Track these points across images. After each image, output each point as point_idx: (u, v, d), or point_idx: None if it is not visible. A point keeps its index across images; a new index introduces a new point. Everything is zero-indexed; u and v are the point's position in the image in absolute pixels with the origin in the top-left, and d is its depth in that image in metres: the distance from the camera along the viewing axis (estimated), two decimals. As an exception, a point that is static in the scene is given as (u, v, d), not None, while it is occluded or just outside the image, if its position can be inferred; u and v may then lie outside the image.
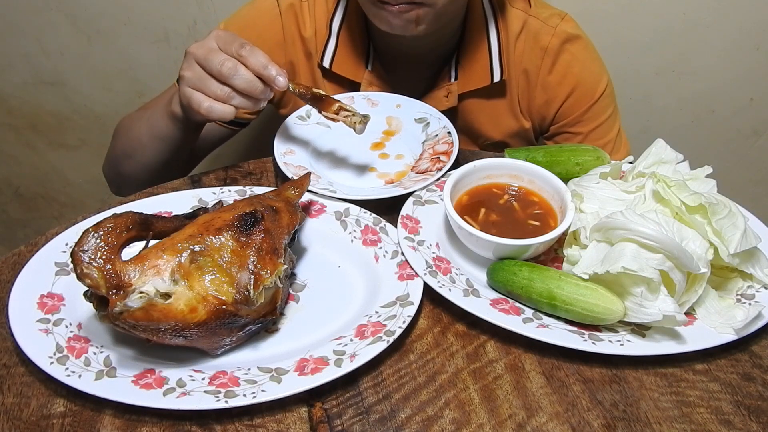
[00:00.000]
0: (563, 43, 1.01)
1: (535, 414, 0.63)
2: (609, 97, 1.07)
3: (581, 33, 1.04)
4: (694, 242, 0.68)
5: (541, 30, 1.01)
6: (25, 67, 1.63)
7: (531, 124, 1.09)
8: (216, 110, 0.80)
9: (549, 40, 1.01)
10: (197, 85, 0.81)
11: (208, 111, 0.80)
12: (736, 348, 0.70)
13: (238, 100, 0.80)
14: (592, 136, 1.07)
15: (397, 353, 0.69)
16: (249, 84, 0.79)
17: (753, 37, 1.33)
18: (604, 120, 1.06)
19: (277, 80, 0.80)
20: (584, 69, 1.04)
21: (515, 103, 1.06)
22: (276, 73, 0.80)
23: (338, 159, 0.93)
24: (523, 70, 1.03)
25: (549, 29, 1.01)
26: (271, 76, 0.80)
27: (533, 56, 1.02)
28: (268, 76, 0.80)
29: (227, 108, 0.80)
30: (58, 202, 1.97)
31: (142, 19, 1.48)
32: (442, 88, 1.04)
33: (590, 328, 0.69)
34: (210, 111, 0.80)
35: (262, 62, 0.79)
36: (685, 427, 0.63)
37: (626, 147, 1.11)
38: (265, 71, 0.79)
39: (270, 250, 0.66)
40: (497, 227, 0.77)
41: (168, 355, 0.66)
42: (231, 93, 0.80)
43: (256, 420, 0.62)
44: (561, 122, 1.07)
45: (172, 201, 0.83)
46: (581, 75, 1.03)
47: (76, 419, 0.62)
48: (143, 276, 0.60)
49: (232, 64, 0.78)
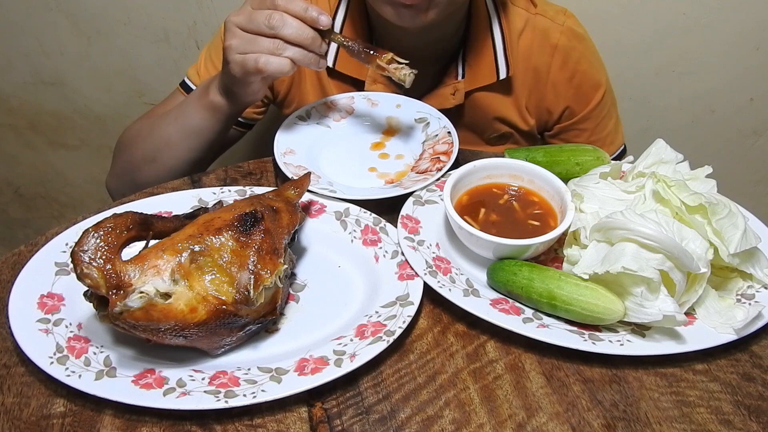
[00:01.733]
0: (571, 40, 1.03)
1: (535, 414, 0.64)
2: (610, 91, 1.10)
3: (584, 30, 1.06)
4: (694, 242, 0.68)
5: (550, 27, 1.03)
6: (25, 67, 1.63)
7: (535, 121, 1.10)
8: (272, 63, 0.80)
9: (558, 38, 1.03)
10: (247, 48, 0.80)
11: (266, 65, 0.80)
12: (736, 348, 0.70)
13: (292, 50, 0.80)
14: (597, 129, 1.09)
15: (397, 353, 0.69)
16: (299, 31, 0.79)
17: (753, 37, 1.33)
18: (606, 112, 1.09)
19: (319, 19, 0.80)
20: (591, 66, 1.06)
21: (520, 100, 1.07)
22: (317, 13, 0.80)
23: (338, 159, 0.93)
24: (532, 67, 1.05)
25: (557, 26, 1.03)
26: (314, 18, 0.80)
27: (543, 54, 1.04)
28: (311, 17, 0.80)
29: (283, 60, 0.80)
30: (58, 202, 1.97)
31: (142, 19, 1.48)
32: (449, 86, 1.04)
33: (590, 328, 0.69)
34: (267, 64, 0.80)
35: (301, 6, 0.79)
36: (685, 427, 0.63)
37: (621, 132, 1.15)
38: (307, 14, 0.79)
39: (270, 250, 0.66)
40: (497, 227, 0.77)
41: (168, 355, 0.66)
42: (283, 45, 0.80)
43: (256, 420, 0.62)
44: (569, 120, 1.09)
45: (172, 201, 0.83)
46: (589, 72, 1.06)
47: (76, 419, 0.62)
48: (143, 276, 0.60)
49: (278, 16, 0.79)
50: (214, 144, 0.98)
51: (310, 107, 0.99)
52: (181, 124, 0.95)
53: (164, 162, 0.97)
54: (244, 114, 1.04)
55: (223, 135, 0.98)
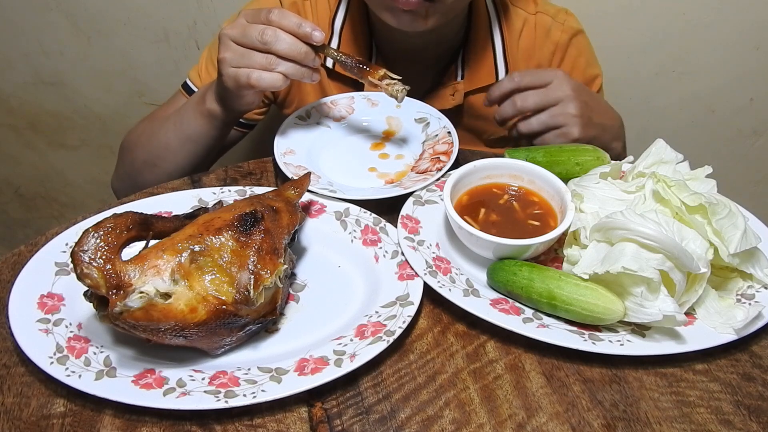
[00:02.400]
0: (571, 38, 1.05)
1: (535, 414, 0.64)
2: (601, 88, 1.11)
3: (582, 27, 1.07)
4: (694, 242, 0.68)
5: (552, 26, 1.04)
6: (25, 67, 1.63)
7: None
8: (265, 79, 0.80)
9: (559, 36, 1.04)
10: (240, 62, 0.81)
11: (258, 80, 0.80)
12: (736, 348, 0.70)
13: (284, 65, 0.81)
14: None
15: (397, 353, 0.69)
16: (292, 46, 0.80)
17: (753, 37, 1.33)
18: None
19: (313, 35, 0.80)
20: (588, 63, 1.07)
21: None
22: (311, 29, 0.80)
23: (338, 159, 0.93)
24: (533, 66, 1.06)
25: (558, 25, 1.04)
26: (307, 33, 0.80)
27: (545, 51, 1.05)
28: (304, 33, 0.80)
29: (275, 75, 0.80)
30: (58, 202, 1.97)
31: (142, 19, 1.48)
32: (449, 87, 1.05)
33: (590, 328, 0.69)
34: (260, 80, 0.80)
35: (294, 21, 0.80)
36: (685, 427, 0.63)
37: None
38: (300, 29, 0.80)
39: (270, 250, 0.66)
40: (497, 227, 0.77)
41: (168, 355, 0.66)
42: (276, 60, 0.80)
43: (256, 420, 0.62)
44: None
45: (172, 201, 0.83)
46: (586, 69, 1.07)
47: (76, 419, 0.62)
48: (143, 276, 0.60)
49: (271, 32, 0.79)
50: (212, 149, 0.99)
51: (310, 107, 0.99)
52: (180, 130, 0.96)
53: (164, 167, 0.98)
54: (245, 115, 1.05)
55: (221, 141, 0.99)
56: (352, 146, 0.95)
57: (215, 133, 0.95)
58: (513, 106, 0.90)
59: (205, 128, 0.94)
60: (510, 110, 0.91)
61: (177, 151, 0.97)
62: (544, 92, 0.89)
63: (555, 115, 0.89)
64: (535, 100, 0.89)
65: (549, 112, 0.89)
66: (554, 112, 0.89)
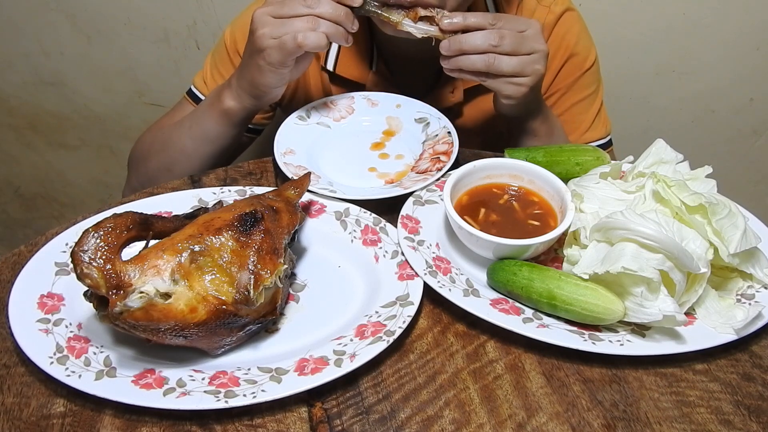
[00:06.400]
0: (558, 18, 1.04)
1: (535, 414, 0.64)
2: (595, 73, 1.09)
3: (574, 7, 1.06)
4: (694, 242, 0.68)
5: (537, 9, 1.04)
6: (25, 67, 1.63)
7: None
8: (310, 37, 0.81)
9: (545, 17, 1.03)
10: (281, 31, 0.82)
11: (304, 39, 0.81)
12: (736, 348, 0.70)
13: (326, 25, 0.82)
14: (574, 109, 1.08)
15: (397, 353, 0.69)
16: (335, 8, 0.82)
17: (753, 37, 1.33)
18: (588, 94, 1.08)
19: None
20: (578, 41, 1.06)
21: None
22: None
23: (338, 159, 0.93)
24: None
25: (543, 9, 1.04)
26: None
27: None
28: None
29: (319, 34, 0.82)
30: (58, 202, 1.97)
31: (142, 19, 1.48)
32: (448, 85, 1.05)
33: (590, 328, 0.69)
34: (306, 38, 0.81)
35: None
36: (685, 427, 0.63)
37: (605, 124, 1.12)
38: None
39: (270, 250, 0.66)
40: (497, 227, 0.77)
41: (168, 355, 0.66)
42: (317, 20, 0.82)
43: (256, 420, 0.62)
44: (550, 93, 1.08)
45: (172, 201, 0.83)
46: (575, 47, 1.05)
47: (76, 419, 0.62)
48: (143, 276, 0.60)
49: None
50: (227, 150, 1.00)
51: (310, 107, 0.99)
52: (196, 132, 0.97)
53: (180, 171, 0.99)
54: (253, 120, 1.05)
55: (237, 140, 1.00)
56: (352, 146, 0.95)
57: (232, 131, 0.96)
58: (485, 39, 0.83)
59: (223, 127, 0.95)
60: (481, 42, 0.83)
61: (192, 154, 0.98)
62: (522, 37, 0.84)
63: (526, 64, 0.85)
64: (511, 43, 0.83)
65: (520, 59, 0.85)
66: (525, 60, 0.85)
